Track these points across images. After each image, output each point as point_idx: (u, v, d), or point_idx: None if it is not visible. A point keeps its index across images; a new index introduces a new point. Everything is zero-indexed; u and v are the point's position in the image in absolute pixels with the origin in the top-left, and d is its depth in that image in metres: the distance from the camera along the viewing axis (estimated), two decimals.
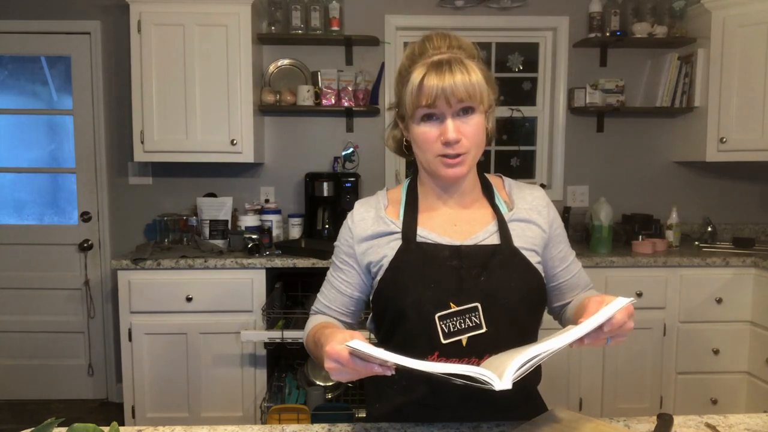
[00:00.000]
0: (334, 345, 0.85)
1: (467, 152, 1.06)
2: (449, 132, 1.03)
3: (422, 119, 1.05)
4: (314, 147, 3.33)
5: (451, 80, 1.01)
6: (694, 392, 2.82)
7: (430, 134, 1.05)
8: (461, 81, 1.01)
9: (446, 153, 1.05)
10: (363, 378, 0.87)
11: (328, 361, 0.85)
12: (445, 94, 1.01)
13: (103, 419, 3.11)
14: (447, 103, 1.02)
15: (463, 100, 1.02)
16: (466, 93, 1.01)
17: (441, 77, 1.01)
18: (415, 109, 1.05)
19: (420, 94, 1.02)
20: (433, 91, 1.01)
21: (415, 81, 1.03)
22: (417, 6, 3.26)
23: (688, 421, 1.05)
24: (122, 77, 3.20)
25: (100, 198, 3.31)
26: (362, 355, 0.80)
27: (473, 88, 1.02)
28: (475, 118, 1.05)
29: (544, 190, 1.22)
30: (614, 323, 0.87)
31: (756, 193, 3.41)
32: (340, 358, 0.83)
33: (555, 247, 1.18)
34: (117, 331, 3.12)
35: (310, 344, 1.13)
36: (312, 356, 1.16)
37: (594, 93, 3.17)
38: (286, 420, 2.44)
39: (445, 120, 1.03)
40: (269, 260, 2.69)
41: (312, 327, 1.14)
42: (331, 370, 0.86)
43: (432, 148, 1.06)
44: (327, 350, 0.85)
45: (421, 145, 1.08)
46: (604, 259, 2.73)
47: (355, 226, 1.16)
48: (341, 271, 1.18)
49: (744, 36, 2.87)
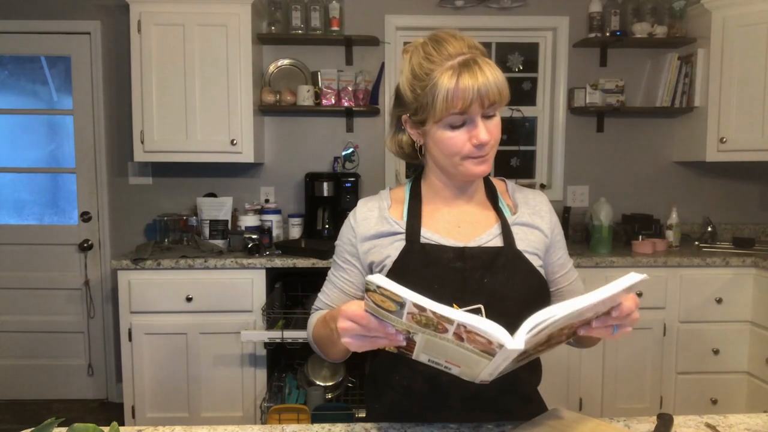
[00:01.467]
0: (351, 305, 0.84)
1: (492, 150, 1.06)
2: (482, 134, 1.01)
3: (451, 125, 1.02)
4: (314, 147, 3.33)
5: (485, 80, 0.98)
6: (694, 392, 2.82)
7: (459, 139, 1.03)
8: (493, 81, 0.99)
9: (476, 155, 1.04)
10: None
11: (342, 320, 0.84)
12: (480, 95, 0.98)
13: (103, 419, 3.11)
14: (481, 105, 0.99)
15: (494, 101, 1.00)
16: (498, 92, 0.99)
17: (474, 78, 0.98)
18: (447, 114, 1.01)
19: (455, 99, 0.98)
20: (469, 95, 0.98)
21: (448, 85, 0.98)
22: (417, 6, 3.26)
23: (688, 421, 1.05)
24: (122, 77, 3.20)
25: (100, 198, 3.31)
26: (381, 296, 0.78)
27: (504, 87, 1.01)
28: (497, 116, 1.05)
29: (546, 195, 1.22)
30: (623, 310, 0.86)
31: (756, 193, 3.41)
32: (355, 316, 0.82)
33: (555, 253, 1.18)
34: (117, 331, 3.12)
35: (319, 330, 1.11)
36: (318, 346, 1.14)
37: (594, 93, 3.17)
38: (286, 420, 2.44)
39: (474, 122, 1.02)
40: (269, 260, 2.69)
41: (316, 319, 1.14)
42: (343, 331, 0.84)
43: (461, 152, 1.04)
44: (343, 309, 0.84)
45: (446, 150, 1.05)
46: (604, 259, 2.73)
47: (358, 225, 1.15)
48: (343, 270, 1.17)
49: (744, 36, 2.87)
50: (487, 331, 0.75)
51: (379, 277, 0.77)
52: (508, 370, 0.85)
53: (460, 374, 0.89)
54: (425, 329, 0.79)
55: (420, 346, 0.85)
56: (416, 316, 0.78)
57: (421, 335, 0.81)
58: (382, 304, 0.78)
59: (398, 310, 0.78)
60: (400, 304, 0.77)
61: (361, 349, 0.85)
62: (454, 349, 0.81)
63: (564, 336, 0.88)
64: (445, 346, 0.81)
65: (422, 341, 0.83)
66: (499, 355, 0.78)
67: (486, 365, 0.82)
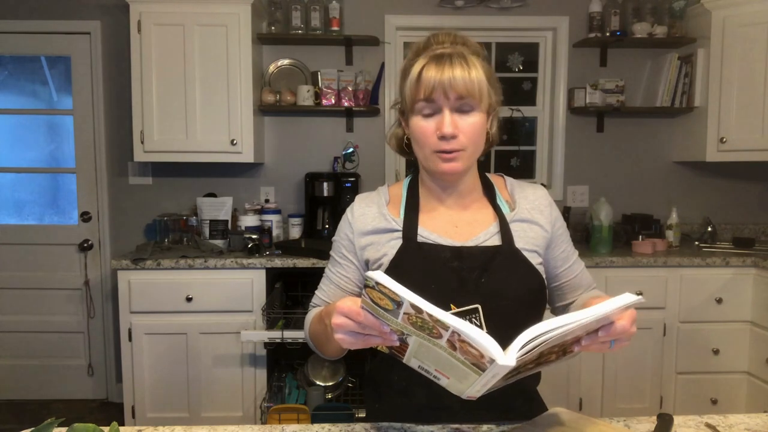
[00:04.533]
0: (346, 301, 0.84)
1: (463, 149, 1.05)
2: (446, 126, 1.02)
3: (421, 114, 1.05)
4: (314, 147, 3.33)
5: (450, 73, 1.00)
6: (694, 392, 2.82)
7: (427, 128, 1.05)
8: (461, 75, 1.01)
9: (442, 148, 1.04)
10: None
11: (337, 316, 0.83)
12: (443, 86, 1.01)
13: (103, 419, 3.11)
14: (445, 95, 1.02)
15: (462, 95, 1.01)
16: (465, 88, 1.01)
17: (440, 70, 1.01)
18: (413, 101, 1.05)
19: (419, 86, 1.03)
20: (431, 83, 1.01)
21: (414, 72, 1.04)
22: (417, 6, 3.26)
23: (688, 421, 1.05)
24: (122, 77, 3.20)
25: (100, 198, 3.31)
26: (379, 293, 0.77)
27: (472, 84, 1.01)
28: (474, 116, 1.04)
29: (546, 190, 1.22)
30: (615, 329, 0.84)
31: (756, 193, 3.41)
32: (350, 312, 0.82)
33: (557, 247, 1.17)
34: (117, 331, 3.12)
35: (314, 326, 1.11)
36: (314, 342, 1.14)
37: (594, 93, 3.17)
38: (286, 420, 2.44)
39: (442, 114, 1.03)
40: (269, 260, 2.69)
41: (313, 316, 1.13)
42: (337, 327, 0.83)
43: (428, 143, 1.05)
44: (338, 305, 0.84)
45: (418, 139, 1.07)
46: (604, 259, 2.73)
47: (356, 221, 1.15)
48: (340, 266, 1.17)
49: (744, 36, 2.87)
50: (480, 343, 0.74)
51: (379, 274, 0.76)
52: (495, 387, 0.83)
53: (447, 386, 0.88)
54: (420, 332, 0.78)
55: (412, 349, 0.84)
56: (412, 317, 0.77)
57: (415, 338, 0.81)
58: (379, 301, 0.78)
59: (395, 310, 0.77)
60: (397, 303, 0.76)
61: (353, 346, 0.85)
62: (446, 358, 0.80)
63: (554, 355, 0.87)
64: (437, 353, 0.80)
65: (415, 344, 0.82)
66: (489, 370, 0.76)
67: (475, 380, 0.80)
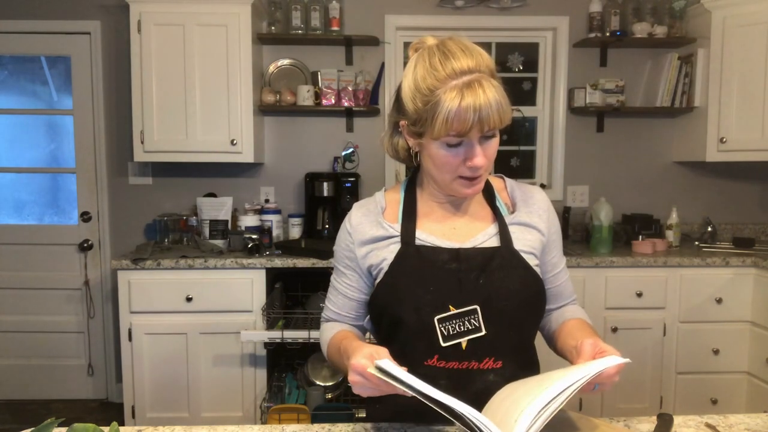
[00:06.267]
0: (360, 359, 0.87)
1: (485, 171, 1.05)
2: (477, 159, 1.01)
3: (446, 143, 1.01)
4: (314, 147, 3.32)
5: (487, 106, 0.96)
6: (694, 392, 2.82)
7: (453, 159, 1.02)
8: (496, 106, 0.97)
9: (467, 175, 1.04)
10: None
11: (352, 374, 0.87)
12: (480, 120, 0.97)
13: (103, 419, 3.11)
14: (480, 129, 0.98)
15: (494, 126, 0.99)
16: (498, 118, 0.98)
17: (476, 109, 0.96)
18: (444, 135, 0.99)
19: (454, 121, 0.97)
20: (469, 120, 0.96)
21: (449, 107, 0.96)
22: (417, 6, 3.26)
23: (688, 421, 1.05)
24: (122, 77, 3.20)
25: (100, 198, 3.31)
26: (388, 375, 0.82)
27: (505, 111, 0.99)
28: (496, 138, 1.04)
29: (545, 193, 1.22)
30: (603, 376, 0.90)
31: (756, 193, 3.41)
32: (365, 373, 0.85)
33: (549, 253, 1.17)
34: (117, 331, 3.12)
35: (333, 353, 1.13)
36: (333, 365, 1.17)
37: (594, 93, 3.17)
38: (286, 420, 2.44)
39: (472, 144, 1.01)
40: (269, 260, 2.69)
41: (333, 336, 1.14)
42: (354, 383, 0.88)
43: (453, 171, 1.04)
44: (352, 363, 0.87)
45: (440, 167, 1.05)
46: (604, 259, 2.73)
47: (354, 230, 1.15)
48: (345, 275, 1.18)
49: (744, 36, 2.87)
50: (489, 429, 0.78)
51: (387, 363, 0.81)
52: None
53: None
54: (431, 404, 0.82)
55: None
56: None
57: None
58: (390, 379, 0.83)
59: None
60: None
61: (372, 395, 0.90)
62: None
63: None
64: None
65: None
66: None
67: None
